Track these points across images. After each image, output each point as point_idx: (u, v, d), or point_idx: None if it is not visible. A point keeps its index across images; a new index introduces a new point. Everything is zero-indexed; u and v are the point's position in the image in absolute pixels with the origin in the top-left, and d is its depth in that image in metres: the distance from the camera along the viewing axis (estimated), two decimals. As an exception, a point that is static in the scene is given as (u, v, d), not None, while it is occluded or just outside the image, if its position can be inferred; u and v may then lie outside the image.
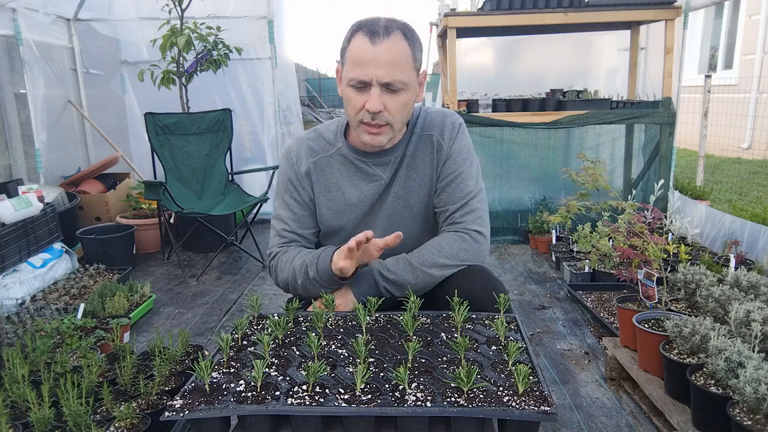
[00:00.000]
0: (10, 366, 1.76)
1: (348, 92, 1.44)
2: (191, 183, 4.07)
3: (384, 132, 1.47)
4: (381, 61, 1.38)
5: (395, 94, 1.42)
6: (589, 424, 1.95)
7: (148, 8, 4.49)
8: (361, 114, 1.44)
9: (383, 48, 1.38)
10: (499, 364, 1.20)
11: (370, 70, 1.38)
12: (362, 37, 1.40)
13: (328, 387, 1.12)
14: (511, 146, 4.29)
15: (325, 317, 1.39)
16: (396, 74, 1.39)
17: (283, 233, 1.65)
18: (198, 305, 3.17)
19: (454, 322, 1.40)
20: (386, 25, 1.40)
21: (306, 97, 12.07)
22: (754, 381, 1.41)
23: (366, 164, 1.60)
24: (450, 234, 1.57)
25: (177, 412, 1.06)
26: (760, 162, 7.17)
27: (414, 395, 1.07)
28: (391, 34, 1.39)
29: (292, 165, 1.64)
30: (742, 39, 8.32)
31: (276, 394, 1.10)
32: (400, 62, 1.40)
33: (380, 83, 1.39)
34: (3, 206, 3.04)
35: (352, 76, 1.41)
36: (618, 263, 3.01)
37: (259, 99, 5.00)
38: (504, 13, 4.05)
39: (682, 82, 4.05)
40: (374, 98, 1.40)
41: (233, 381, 1.16)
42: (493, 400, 1.05)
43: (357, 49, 1.40)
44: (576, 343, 2.59)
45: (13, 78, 4.19)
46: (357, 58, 1.40)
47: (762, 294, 2.07)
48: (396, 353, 1.24)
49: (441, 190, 1.61)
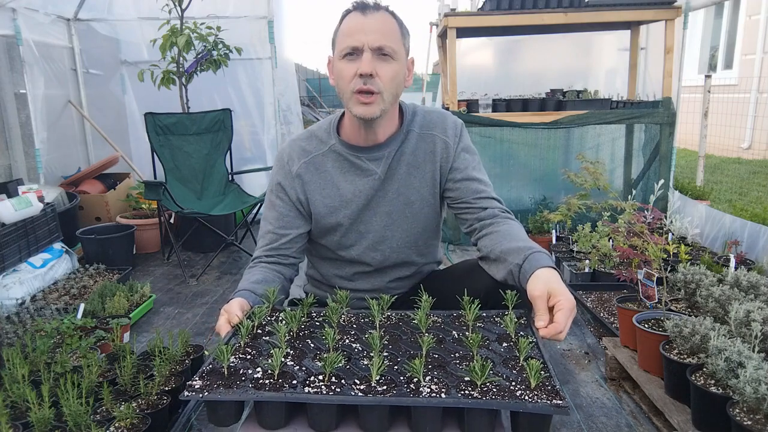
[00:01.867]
0: (10, 366, 1.76)
1: (340, 65, 1.47)
2: (191, 183, 4.07)
3: (375, 101, 1.47)
4: (372, 28, 1.43)
5: (386, 61, 1.45)
6: (589, 424, 1.95)
7: (148, 8, 4.49)
8: (353, 82, 1.45)
9: (373, 18, 1.44)
10: (510, 360, 1.22)
11: (361, 36, 1.42)
12: (353, 12, 1.46)
13: (343, 378, 1.14)
14: (511, 146, 4.29)
15: (339, 312, 1.42)
16: (386, 40, 1.44)
17: (266, 235, 1.67)
18: (198, 305, 3.17)
19: (464, 321, 1.42)
20: (375, 2, 1.47)
21: (306, 97, 12.07)
22: (754, 381, 1.41)
23: (359, 159, 1.61)
24: (505, 220, 1.57)
25: (197, 392, 1.08)
26: (760, 162, 7.17)
27: (428, 387, 1.10)
28: (380, 9, 1.46)
29: (283, 166, 1.66)
30: (742, 39, 8.32)
31: (293, 383, 1.12)
32: (390, 31, 1.46)
33: (371, 48, 1.42)
34: (3, 206, 3.04)
35: (344, 45, 1.44)
36: (618, 263, 3.00)
37: (259, 99, 5.00)
38: (504, 13, 4.05)
39: (682, 82, 4.05)
40: (366, 61, 1.42)
41: (250, 367, 1.18)
42: (506, 393, 1.07)
43: (348, 23, 1.46)
44: (576, 343, 2.59)
45: (13, 78, 4.19)
46: (348, 31, 1.45)
47: (762, 294, 2.07)
48: (409, 348, 1.27)
49: (458, 183, 1.62)
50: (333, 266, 1.76)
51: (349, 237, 1.67)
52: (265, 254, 1.65)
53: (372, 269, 1.71)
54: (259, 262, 1.64)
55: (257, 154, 5.09)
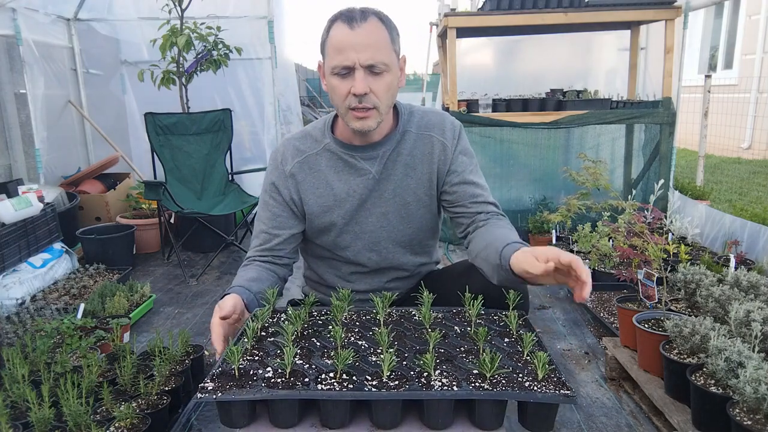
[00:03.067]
0: (10, 366, 1.76)
1: (333, 81, 1.46)
2: (191, 183, 4.07)
3: (372, 116, 1.47)
4: (361, 45, 1.40)
5: (379, 76, 1.44)
6: (589, 424, 1.95)
7: (148, 8, 4.49)
8: (348, 100, 1.45)
9: (361, 32, 1.41)
10: (514, 354, 1.25)
11: (352, 54, 1.40)
12: (340, 24, 1.43)
13: (354, 375, 1.15)
14: (511, 146, 4.29)
15: (344, 310, 1.42)
16: (377, 56, 1.42)
17: (259, 235, 1.67)
18: (198, 305, 3.17)
19: (466, 317, 1.44)
20: (362, 10, 1.44)
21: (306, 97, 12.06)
22: (754, 381, 1.41)
23: (354, 158, 1.60)
24: (497, 221, 1.57)
25: (210, 394, 1.09)
26: (760, 162, 7.17)
27: (439, 381, 1.12)
28: (368, 18, 1.43)
29: (277, 166, 1.65)
30: (742, 39, 8.32)
31: (305, 381, 1.13)
32: (379, 44, 1.43)
33: (363, 66, 1.41)
34: (3, 206, 3.04)
35: (335, 63, 1.43)
36: (618, 263, 3.00)
37: (259, 99, 5.00)
38: (504, 13, 4.04)
39: (682, 82, 4.05)
40: (359, 81, 1.41)
41: (260, 368, 1.19)
42: (515, 385, 1.11)
43: (336, 36, 1.43)
44: (576, 343, 2.59)
45: (13, 78, 4.19)
46: (337, 45, 1.42)
47: (762, 294, 2.07)
48: (414, 344, 1.29)
49: (454, 185, 1.62)
50: (330, 267, 1.75)
51: (344, 237, 1.67)
52: (259, 254, 1.65)
53: (369, 270, 1.71)
54: (252, 262, 1.64)
55: (257, 154, 5.09)
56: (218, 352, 1.32)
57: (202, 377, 1.86)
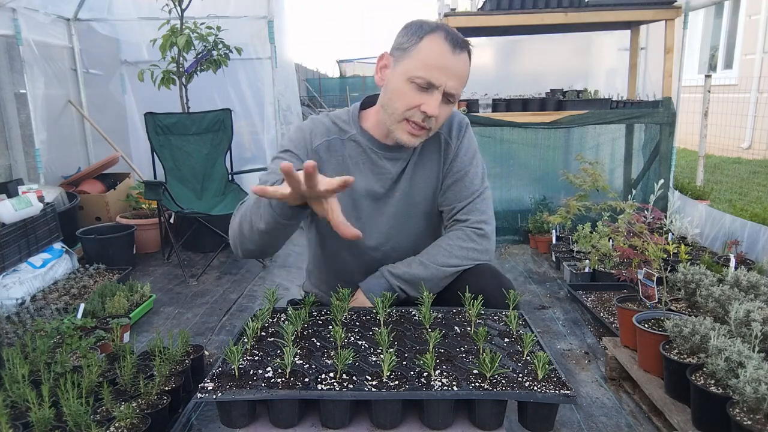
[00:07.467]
0: (10, 366, 1.76)
1: (404, 87, 1.42)
2: (191, 183, 4.07)
3: (423, 135, 1.49)
4: (454, 72, 1.41)
5: (448, 104, 1.46)
6: (589, 424, 1.95)
7: (148, 8, 4.49)
8: (411, 111, 1.43)
9: (460, 60, 1.42)
10: (514, 354, 1.25)
11: (443, 77, 1.39)
12: (442, 41, 1.40)
13: (354, 374, 1.16)
14: (511, 146, 4.29)
15: (344, 310, 1.42)
16: (459, 88, 1.45)
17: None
18: (198, 305, 3.17)
19: (466, 317, 1.45)
20: (462, 39, 1.44)
21: (306, 97, 12.07)
22: (754, 381, 1.41)
23: (378, 156, 1.58)
24: (458, 232, 1.58)
25: (210, 394, 1.09)
26: (760, 162, 7.17)
27: (439, 381, 1.13)
28: (465, 49, 1.44)
29: (305, 137, 1.57)
30: (742, 39, 8.32)
31: (305, 381, 1.13)
32: (464, 78, 1.46)
33: (446, 91, 1.41)
34: (3, 206, 3.04)
35: (422, 75, 1.39)
36: (618, 263, 3.01)
37: (259, 99, 4.99)
38: (504, 13, 4.04)
39: (682, 82, 4.05)
40: (435, 103, 1.41)
41: (260, 368, 1.19)
42: (515, 385, 1.11)
43: (435, 51, 1.40)
44: (576, 343, 2.59)
45: (13, 78, 4.18)
46: (433, 61, 1.39)
47: (762, 294, 2.07)
48: (414, 344, 1.29)
49: (447, 188, 1.62)
50: (334, 264, 1.75)
51: None
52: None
53: (372, 269, 1.70)
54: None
55: (257, 154, 5.09)
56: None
57: (202, 377, 1.87)
